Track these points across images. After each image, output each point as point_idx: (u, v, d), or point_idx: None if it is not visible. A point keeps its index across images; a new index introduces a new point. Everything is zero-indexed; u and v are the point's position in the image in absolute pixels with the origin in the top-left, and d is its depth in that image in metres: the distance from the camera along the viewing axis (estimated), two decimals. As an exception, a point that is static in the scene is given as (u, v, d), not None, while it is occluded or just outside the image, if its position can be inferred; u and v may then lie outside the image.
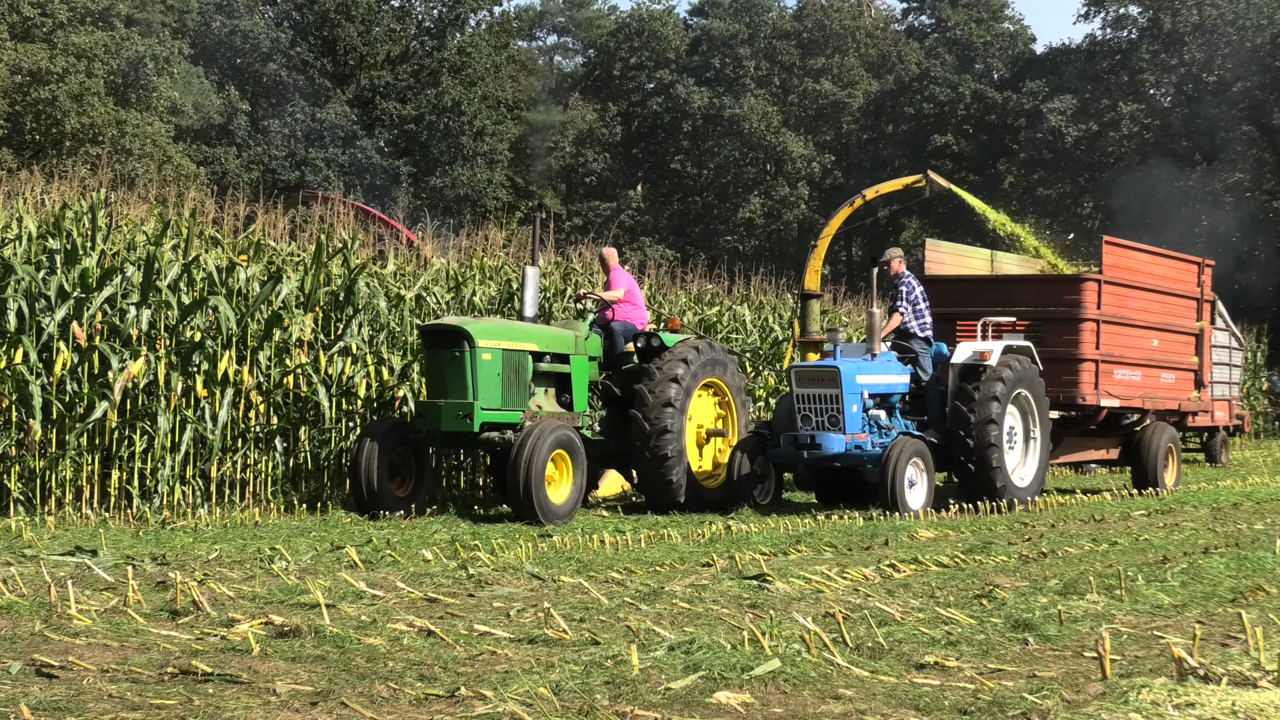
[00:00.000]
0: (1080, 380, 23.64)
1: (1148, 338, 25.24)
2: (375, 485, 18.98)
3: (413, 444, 19.84)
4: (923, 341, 21.94)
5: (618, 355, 21.26)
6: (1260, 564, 14.43)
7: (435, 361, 19.54)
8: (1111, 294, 24.07)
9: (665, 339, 21.07)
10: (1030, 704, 8.07)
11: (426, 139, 79.56)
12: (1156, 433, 25.51)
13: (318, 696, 8.18)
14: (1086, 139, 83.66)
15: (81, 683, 8.48)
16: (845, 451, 20.30)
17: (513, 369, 19.60)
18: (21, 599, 11.23)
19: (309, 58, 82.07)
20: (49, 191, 21.20)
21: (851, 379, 20.48)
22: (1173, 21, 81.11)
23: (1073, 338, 23.70)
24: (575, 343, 20.69)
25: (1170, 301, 26.08)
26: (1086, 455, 26.08)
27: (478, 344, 19.10)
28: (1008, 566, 14.44)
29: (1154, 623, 10.98)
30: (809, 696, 8.31)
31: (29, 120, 70.38)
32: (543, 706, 7.89)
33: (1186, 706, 7.94)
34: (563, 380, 20.65)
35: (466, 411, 18.92)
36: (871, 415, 20.92)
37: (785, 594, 12.32)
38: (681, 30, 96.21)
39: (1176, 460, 26.26)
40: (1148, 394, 25.19)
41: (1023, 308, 23.71)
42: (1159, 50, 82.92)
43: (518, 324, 20.51)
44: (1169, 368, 25.95)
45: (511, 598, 11.95)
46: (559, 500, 18.98)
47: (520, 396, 19.72)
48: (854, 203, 26.64)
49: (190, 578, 12.31)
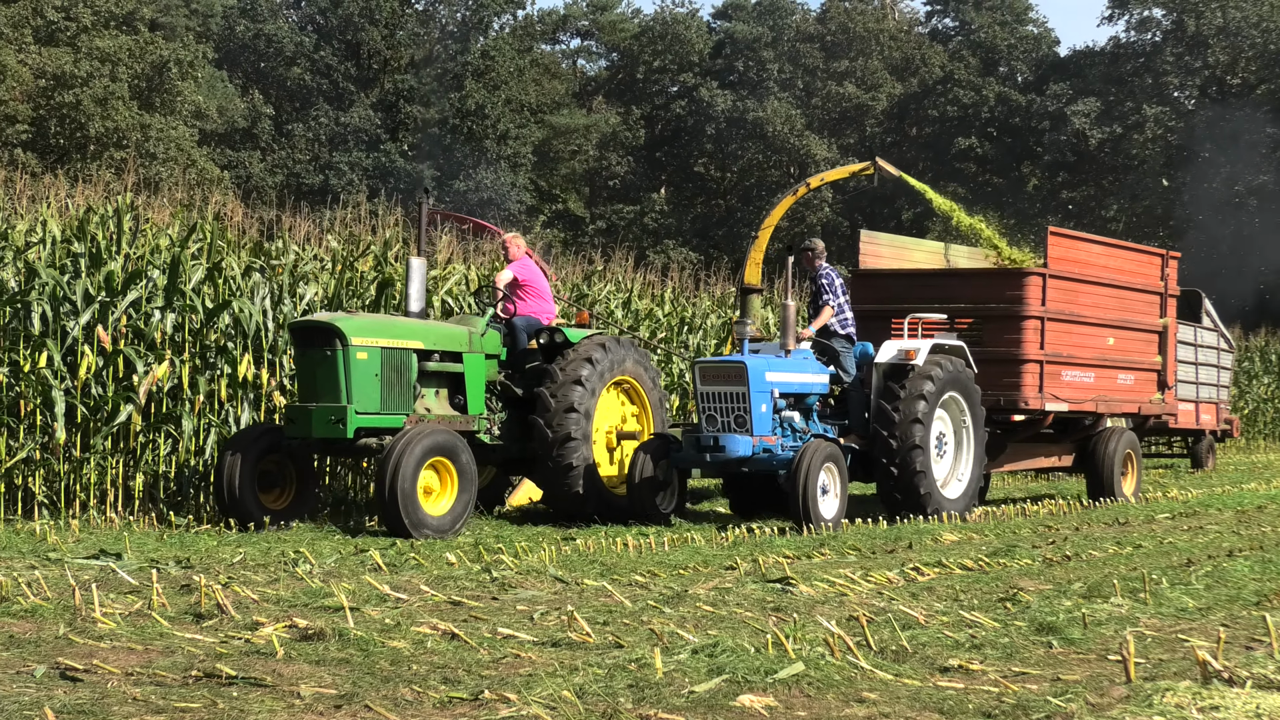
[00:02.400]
0: (1023, 382, 21.72)
1: (1102, 336, 23.39)
2: (239, 496, 17.22)
3: (288, 452, 17.95)
4: (844, 340, 20.11)
5: (520, 353, 19.49)
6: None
7: (306, 362, 17.75)
8: (1058, 288, 22.23)
9: (569, 334, 19.29)
10: (1054, 707, 8.06)
11: (450, 143, 79.61)
12: (1113, 438, 23.64)
13: (342, 700, 8.19)
14: (1110, 142, 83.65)
15: (106, 686, 8.50)
16: (752, 455, 18.47)
17: (393, 369, 17.80)
18: (46, 602, 11.26)
19: (333, 61, 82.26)
20: (73, 195, 21.24)
21: (760, 376, 18.63)
22: (1196, 24, 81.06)
23: (1015, 336, 21.77)
24: (469, 340, 18.80)
25: (1128, 297, 24.17)
26: (1035, 463, 24.17)
27: (351, 342, 17.30)
28: (1032, 570, 14.43)
29: (1178, 626, 10.96)
30: (833, 700, 8.30)
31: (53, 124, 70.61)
32: (566, 710, 7.90)
33: (1210, 710, 7.93)
34: (456, 381, 18.79)
35: (339, 416, 17.17)
36: (784, 417, 19.11)
37: (809, 597, 12.32)
38: (705, 33, 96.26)
39: (1137, 468, 24.41)
40: (1102, 396, 23.38)
41: (961, 304, 21.95)
42: (1183, 53, 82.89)
43: (399, 320, 18.72)
44: (1127, 368, 24.07)
45: (535, 601, 11.95)
46: (437, 512, 17.09)
47: (403, 399, 17.92)
48: (797, 191, 25.71)
49: (215, 581, 12.33)
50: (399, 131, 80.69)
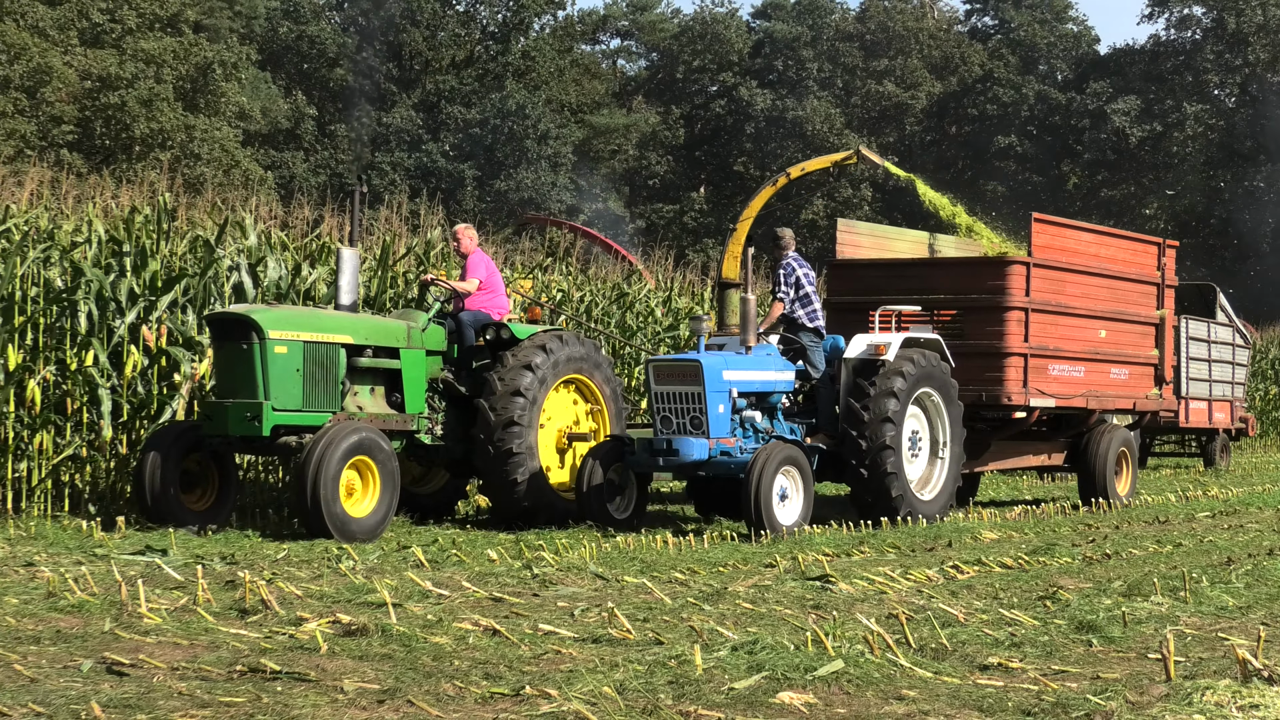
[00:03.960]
0: (1006, 377, 20.36)
1: (1093, 328, 21.93)
2: (160, 496, 16.16)
3: (210, 451, 16.78)
4: (812, 333, 18.83)
5: (468, 349, 18.20)
6: (1326, 565, 14.35)
7: (223, 356, 16.59)
8: (1044, 278, 20.86)
9: (516, 331, 18.00)
10: (1094, 705, 8.04)
11: (491, 143, 79.74)
12: (1106, 436, 22.25)
13: (385, 694, 8.22)
14: (1150, 140, 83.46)
15: (151, 680, 8.53)
16: (709, 459, 17.25)
17: (317, 364, 16.62)
18: (93, 598, 11.32)
19: (375, 63, 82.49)
20: (118, 196, 21.34)
21: (716, 375, 17.36)
22: (1237, 22, 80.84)
23: (997, 329, 20.41)
24: (407, 334, 17.58)
25: (1122, 287, 22.61)
26: (1023, 462, 22.80)
27: (268, 335, 16.09)
28: (1071, 568, 14.39)
29: (1218, 624, 10.93)
30: (872, 697, 8.30)
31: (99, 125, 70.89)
32: (607, 706, 7.91)
33: (1250, 708, 7.91)
34: (393, 377, 17.54)
35: (255, 413, 16.04)
36: (745, 417, 17.83)
37: (848, 595, 12.31)
38: (744, 33, 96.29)
39: (1131, 467, 22.93)
40: (1093, 392, 21.80)
41: (941, 295, 20.73)
42: (1223, 51, 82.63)
43: (326, 313, 17.53)
44: (1121, 362, 22.54)
45: (576, 597, 11.96)
46: (359, 514, 15.98)
47: (328, 396, 16.75)
48: (777, 182, 24.36)
49: (259, 577, 12.36)
50: (440, 132, 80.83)
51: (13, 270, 18.02)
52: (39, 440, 17.97)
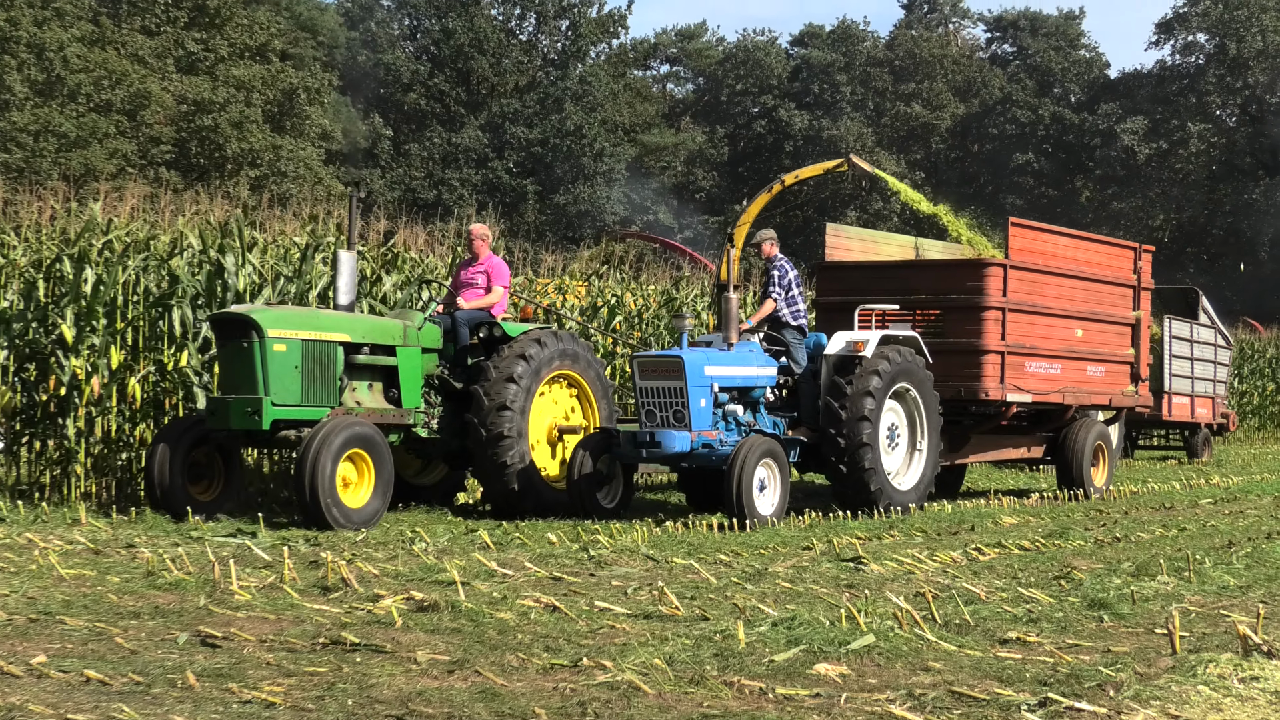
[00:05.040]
0: (984, 373, 19.71)
1: (1069, 327, 21.25)
2: (169, 487, 15.79)
3: (215, 444, 16.37)
4: (795, 331, 18.29)
5: (463, 347, 17.63)
6: (1320, 548, 14.27)
7: (224, 354, 16.19)
8: (1020, 280, 20.20)
9: (508, 329, 17.57)
10: (1105, 676, 8.01)
11: (551, 160, 79.97)
12: (1084, 429, 21.62)
13: (454, 665, 8.24)
14: (1157, 157, 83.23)
15: (242, 652, 8.57)
16: (691, 450, 16.62)
17: (316, 361, 16.14)
18: (189, 576, 11.38)
19: (445, 87, 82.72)
20: (211, 210, 21.43)
21: (698, 370, 16.78)
22: (1238, 47, 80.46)
23: (975, 327, 19.75)
24: (403, 333, 17.10)
25: (1098, 289, 21.90)
26: (1003, 454, 22.07)
27: (268, 334, 15.65)
28: (1084, 550, 14.34)
29: (1220, 602, 10.88)
30: (901, 669, 8.29)
31: (194, 145, 71.21)
32: (657, 676, 7.91)
33: (1251, 680, 7.87)
34: (389, 374, 17.07)
35: (255, 408, 15.57)
36: (727, 410, 17.23)
37: (879, 575, 12.29)
38: (783, 59, 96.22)
39: (1108, 459, 22.30)
40: (1069, 388, 21.13)
41: (923, 295, 20.08)
42: (1225, 74, 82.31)
43: (324, 312, 17.09)
44: (1097, 360, 21.84)
45: (628, 577, 11.97)
46: (355, 504, 15.48)
47: (326, 392, 16.24)
48: (772, 188, 23.58)
49: (340, 557, 12.41)
50: (505, 150, 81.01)
51: (115, 278, 18.13)
52: (139, 432, 18.09)
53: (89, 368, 17.82)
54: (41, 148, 66.94)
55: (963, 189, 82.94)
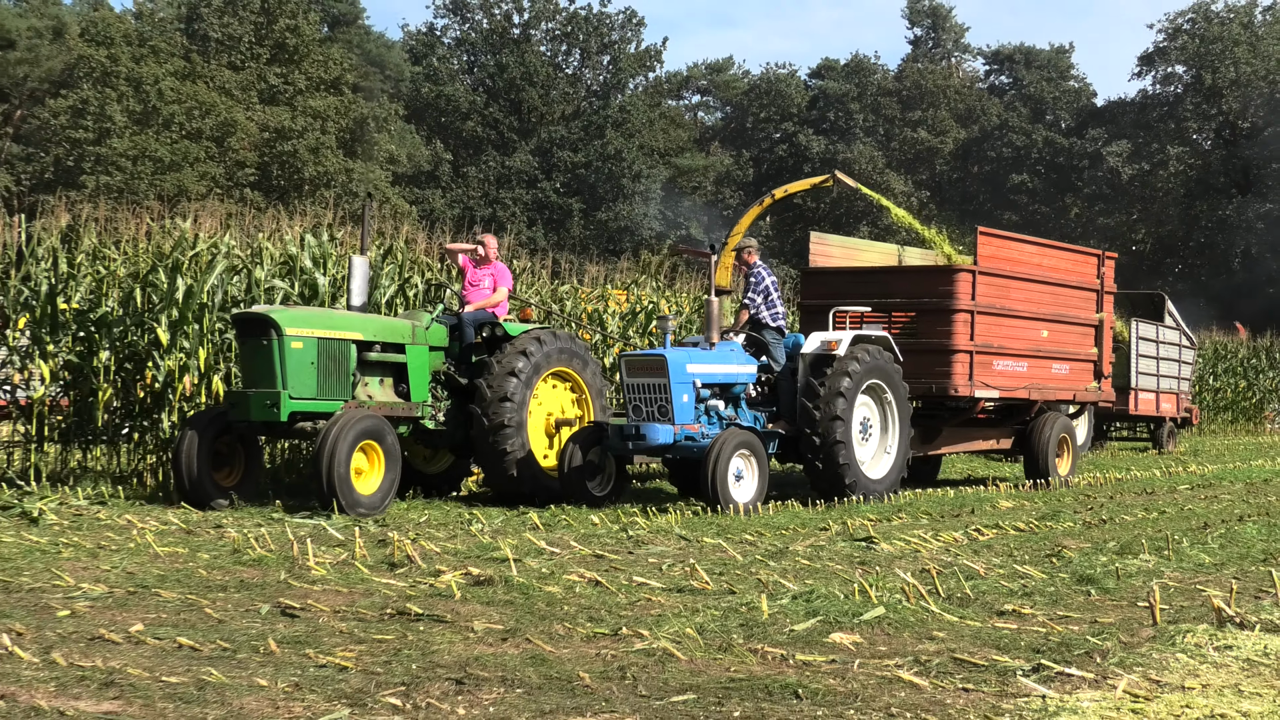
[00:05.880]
0: (954, 371, 19.29)
1: (1035, 329, 20.76)
2: (195, 474, 15.35)
3: (237, 434, 15.95)
4: (775, 331, 17.83)
5: (468, 345, 17.28)
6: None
7: (245, 350, 15.82)
8: (988, 284, 19.76)
9: (509, 328, 17.20)
10: (1092, 645, 7.99)
11: (594, 181, 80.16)
12: (1049, 423, 21.06)
13: (507, 633, 8.25)
14: (1139, 177, 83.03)
15: (317, 621, 8.60)
16: (674, 442, 16.25)
17: (330, 358, 15.81)
18: (270, 553, 11.42)
19: (499, 116, 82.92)
20: (291, 226, 21.49)
21: (680, 368, 16.42)
22: (1213, 78, 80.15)
23: (946, 329, 19.32)
24: (412, 332, 16.77)
25: (1063, 293, 21.43)
26: (973, 445, 21.51)
27: (285, 332, 15.36)
28: (1073, 531, 14.30)
29: (1197, 578, 10.84)
30: (908, 638, 8.28)
31: (275, 168, 71.54)
32: (689, 644, 7.92)
33: (1225, 649, 7.84)
34: (399, 370, 16.73)
35: (273, 401, 15.27)
36: (709, 405, 16.85)
37: (888, 553, 12.27)
38: (802, 89, 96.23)
39: (1071, 450, 21.71)
40: (1035, 384, 20.73)
41: (898, 299, 19.65)
42: (1201, 102, 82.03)
43: (338, 312, 16.70)
44: (1062, 359, 21.39)
45: (663, 555, 11.97)
46: (367, 491, 15.12)
47: (340, 386, 15.92)
48: (763, 201, 23.34)
49: (405, 537, 12.45)
50: (552, 172, 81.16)
51: (203, 284, 18.22)
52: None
53: (181, 367, 17.90)
54: (139, 171, 67.32)
55: (964, 206, 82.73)
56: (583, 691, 6.85)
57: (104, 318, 18.21)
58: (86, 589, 9.66)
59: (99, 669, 7.16)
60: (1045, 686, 6.99)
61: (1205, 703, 6.65)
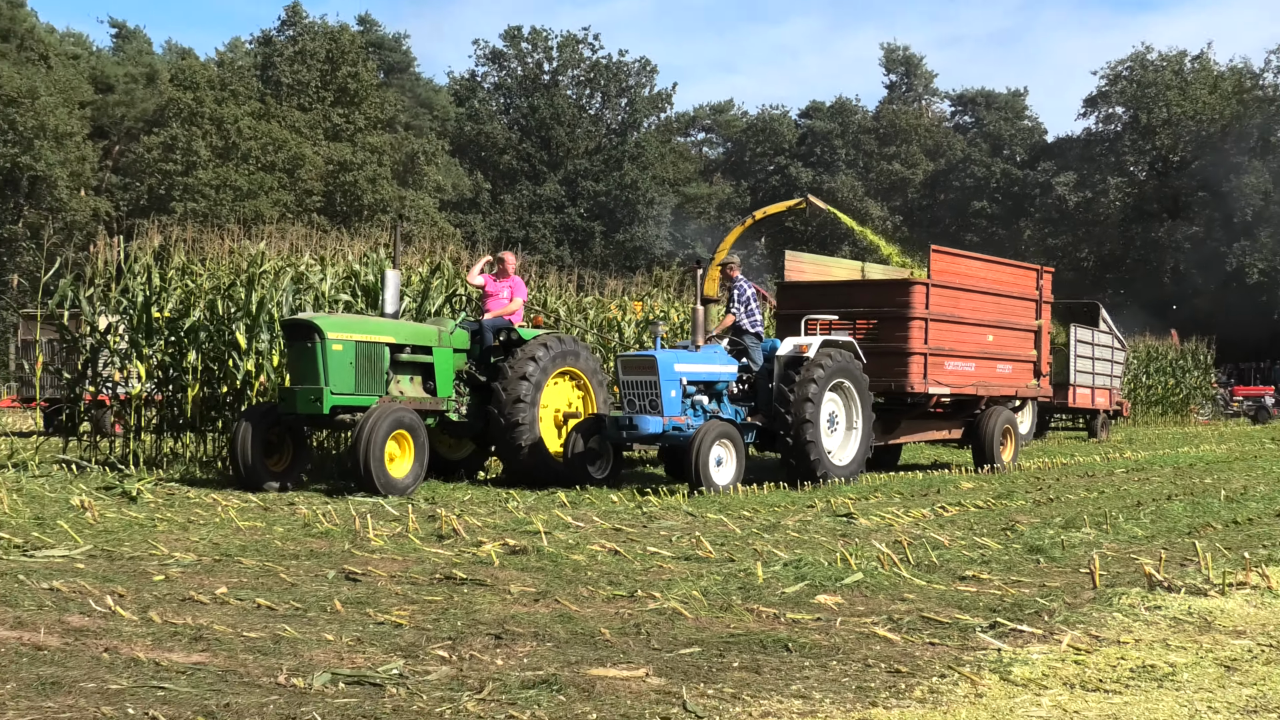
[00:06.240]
0: (910, 371, 19.10)
1: (981, 334, 20.46)
2: (249, 461, 15.23)
3: (286, 425, 15.79)
4: (753, 337, 17.59)
5: (487, 348, 17.05)
6: (1209, 507, 14.18)
7: (293, 352, 15.63)
8: (940, 295, 19.52)
9: (523, 334, 17.03)
10: (1041, 605, 8.01)
11: (613, 207, 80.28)
12: (994, 416, 20.76)
13: (539, 595, 8.29)
14: (1084, 204, 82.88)
15: (376, 585, 8.65)
16: (663, 432, 16.12)
17: (366, 358, 15.66)
18: (335, 527, 11.48)
19: (531, 151, 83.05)
20: (352, 246, 21.54)
21: (669, 367, 16.30)
22: (1148, 118, 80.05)
23: (903, 334, 19.14)
24: (438, 336, 16.61)
25: (1006, 302, 21.11)
26: (928, 435, 21.11)
27: (328, 336, 15.26)
28: (1025, 508, 14.29)
29: (1131, 549, 10.84)
30: (883, 599, 8.30)
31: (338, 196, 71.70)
32: (695, 604, 7.95)
33: (1155, 609, 7.86)
34: (427, 369, 16.56)
35: (317, 396, 15.12)
36: (695, 400, 16.70)
37: (866, 527, 12.29)
38: (793, 127, 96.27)
39: (1014, 439, 21.28)
40: (982, 382, 20.48)
41: (862, 308, 19.46)
42: (1137, 138, 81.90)
43: (373, 319, 16.46)
44: (1005, 359, 21.09)
45: (673, 528, 11.99)
46: (399, 475, 15.01)
47: (375, 383, 15.78)
48: (745, 222, 22.89)
49: (451, 513, 12.48)
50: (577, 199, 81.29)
51: (274, 296, 18.32)
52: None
53: (256, 367, 17.96)
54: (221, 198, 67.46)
55: (932, 229, 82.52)
56: (604, 645, 6.89)
57: (191, 325, 18.29)
58: (178, 557, 9.72)
59: (189, 626, 7.21)
60: (1001, 641, 7.01)
61: (1137, 655, 6.68)
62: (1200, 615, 7.70)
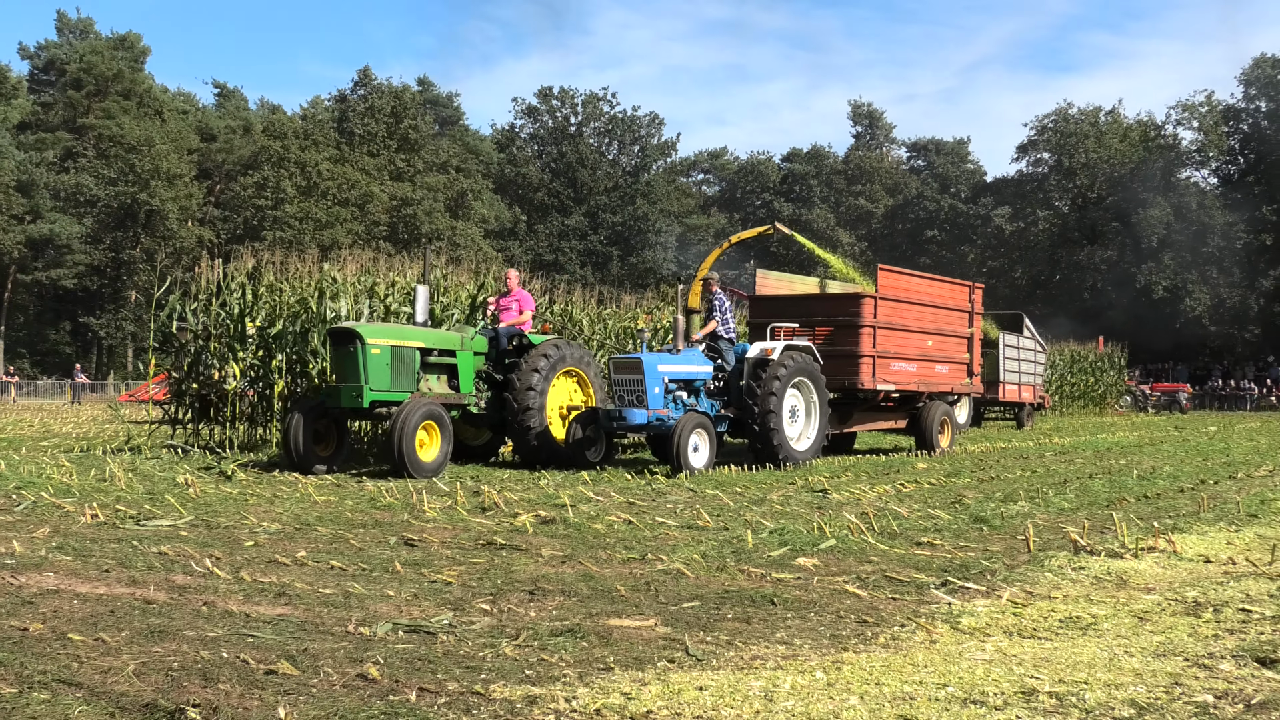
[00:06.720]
0: (860, 371, 18.81)
1: (922, 340, 20.13)
2: (301, 447, 14.85)
3: (332, 417, 15.43)
4: (727, 342, 17.18)
5: (502, 351, 16.77)
6: (1124, 484, 14.08)
7: (336, 355, 15.21)
8: (886, 307, 19.20)
9: (533, 339, 16.71)
10: (984, 566, 7.94)
11: (627, 235, 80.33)
12: (933, 409, 20.44)
13: (565, 558, 8.23)
14: (1017, 233, 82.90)
15: (430, 549, 8.60)
16: (647, 423, 15.73)
17: (400, 360, 15.30)
18: (396, 501, 11.43)
19: (560, 189, 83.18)
20: (412, 267, 21.51)
21: (653, 367, 15.90)
22: (1070, 161, 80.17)
23: (854, 339, 18.82)
24: (461, 341, 16.27)
25: (943, 313, 20.74)
26: (877, 425, 20.53)
27: (367, 341, 14.91)
28: (971, 485, 14.20)
29: (1059, 519, 10.75)
30: (853, 561, 8.23)
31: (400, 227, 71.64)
32: (696, 565, 7.89)
33: (1079, 569, 7.78)
34: (451, 370, 16.23)
35: (358, 392, 14.79)
36: (676, 395, 16.30)
37: (838, 501, 12.22)
38: (776, 169, 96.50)
39: (951, 429, 20.87)
40: (923, 381, 20.15)
41: (820, 318, 19.12)
42: (1061, 178, 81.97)
43: (406, 327, 16.05)
44: (943, 361, 20.68)
45: (677, 502, 11.94)
46: (428, 459, 14.60)
47: (408, 381, 15.42)
48: (722, 245, 22.34)
49: (493, 489, 12.44)
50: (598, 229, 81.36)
51: (349, 307, 18.30)
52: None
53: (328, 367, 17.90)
54: (303, 228, 67.50)
55: (891, 253, 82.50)
56: (620, 599, 6.83)
57: (278, 333, 18.27)
58: (265, 526, 9.68)
59: (274, 583, 7.17)
60: (951, 596, 6.94)
61: (1065, 608, 6.60)
62: (1117, 575, 7.62)
